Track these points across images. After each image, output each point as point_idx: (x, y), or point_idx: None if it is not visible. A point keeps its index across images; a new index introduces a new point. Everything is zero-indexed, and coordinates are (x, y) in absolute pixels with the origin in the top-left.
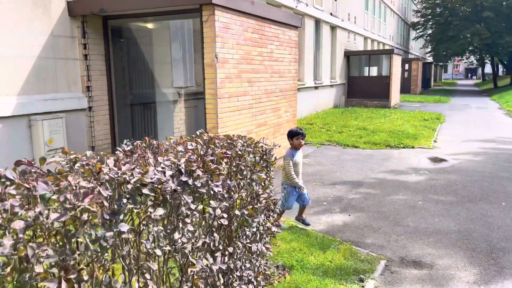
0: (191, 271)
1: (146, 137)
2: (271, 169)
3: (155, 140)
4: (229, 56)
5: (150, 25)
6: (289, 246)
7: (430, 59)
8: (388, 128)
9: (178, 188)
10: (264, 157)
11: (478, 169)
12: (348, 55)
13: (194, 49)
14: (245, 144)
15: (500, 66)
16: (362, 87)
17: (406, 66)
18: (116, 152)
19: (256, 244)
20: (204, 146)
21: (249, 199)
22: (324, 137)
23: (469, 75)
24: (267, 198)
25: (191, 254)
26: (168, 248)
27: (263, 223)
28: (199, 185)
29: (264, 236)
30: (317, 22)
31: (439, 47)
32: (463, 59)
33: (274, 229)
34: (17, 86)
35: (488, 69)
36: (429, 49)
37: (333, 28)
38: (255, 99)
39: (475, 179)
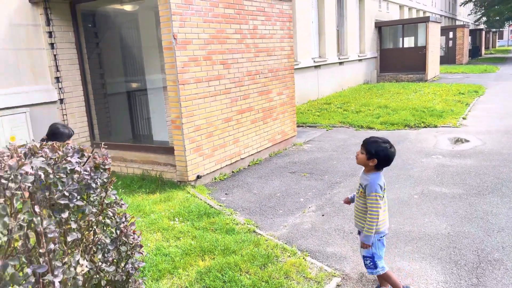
0: None
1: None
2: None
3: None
4: (193, 36)
5: (130, 8)
6: (225, 261)
7: (482, 26)
8: (413, 105)
9: None
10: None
11: (503, 151)
12: (379, 26)
13: None
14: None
15: None
16: (396, 60)
17: (451, 35)
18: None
19: None
20: None
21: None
22: (337, 118)
23: None
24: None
25: None
26: None
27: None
28: None
29: None
30: None
31: (489, 12)
32: None
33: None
34: None
35: None
36: (479, 15)
37: None
38: (234, 82)
39: (494, 165)
